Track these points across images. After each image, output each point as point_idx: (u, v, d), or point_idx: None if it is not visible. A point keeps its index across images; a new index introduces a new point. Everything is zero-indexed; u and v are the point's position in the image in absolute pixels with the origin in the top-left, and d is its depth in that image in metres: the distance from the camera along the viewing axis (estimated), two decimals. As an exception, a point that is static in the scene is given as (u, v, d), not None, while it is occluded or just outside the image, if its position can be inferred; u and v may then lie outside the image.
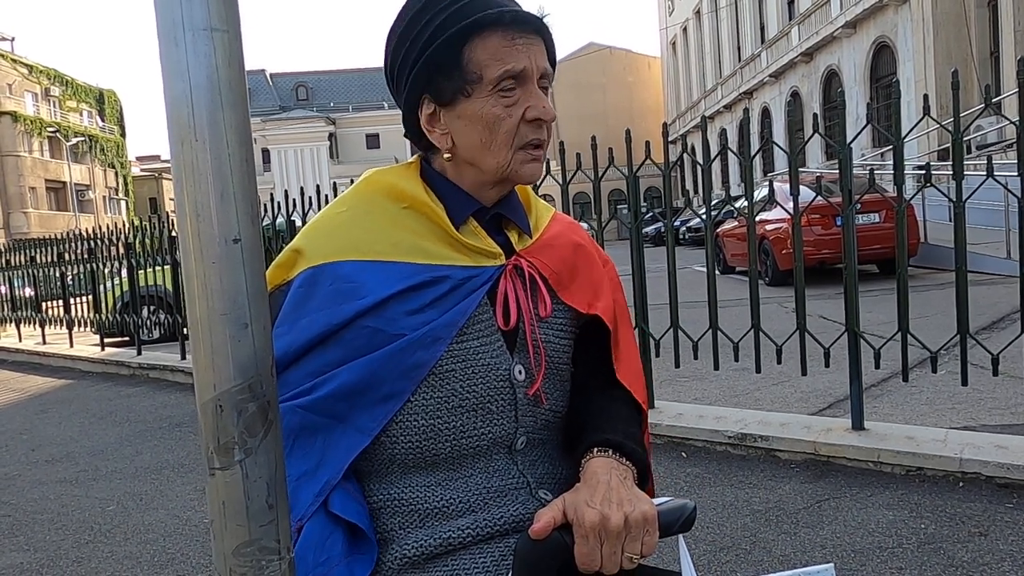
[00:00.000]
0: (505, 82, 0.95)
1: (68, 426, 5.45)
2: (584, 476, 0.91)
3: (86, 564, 2.95)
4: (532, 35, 0.97)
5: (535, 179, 1.00)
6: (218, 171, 0.50)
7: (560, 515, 0.84)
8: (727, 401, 4.40)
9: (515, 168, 0.98)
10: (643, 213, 3.98)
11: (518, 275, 1.01)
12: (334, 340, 0.94)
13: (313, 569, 0.88)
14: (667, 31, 41.50)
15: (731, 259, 11.94)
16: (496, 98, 0.95)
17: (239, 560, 0.52)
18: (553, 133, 1.09)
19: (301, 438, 0.93)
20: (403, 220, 0.99)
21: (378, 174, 1.05)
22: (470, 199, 1.01)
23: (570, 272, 1.06)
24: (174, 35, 0.49)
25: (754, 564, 2.47)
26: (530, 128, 0.97)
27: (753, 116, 28.16)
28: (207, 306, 0.50)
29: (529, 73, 0.96)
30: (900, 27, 18.83)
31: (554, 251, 1.06)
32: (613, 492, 0.86)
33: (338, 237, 0.98)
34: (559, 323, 1.05)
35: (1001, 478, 2.88)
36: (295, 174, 51.05)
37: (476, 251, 0.99)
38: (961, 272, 3.16)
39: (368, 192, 1.03)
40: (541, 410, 1.02)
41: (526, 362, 1.01)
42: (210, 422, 0.51)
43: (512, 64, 0.95)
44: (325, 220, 1.02)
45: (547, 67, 0.99)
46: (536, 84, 0.97)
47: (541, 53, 0.98)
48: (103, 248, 8.04)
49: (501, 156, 0.97)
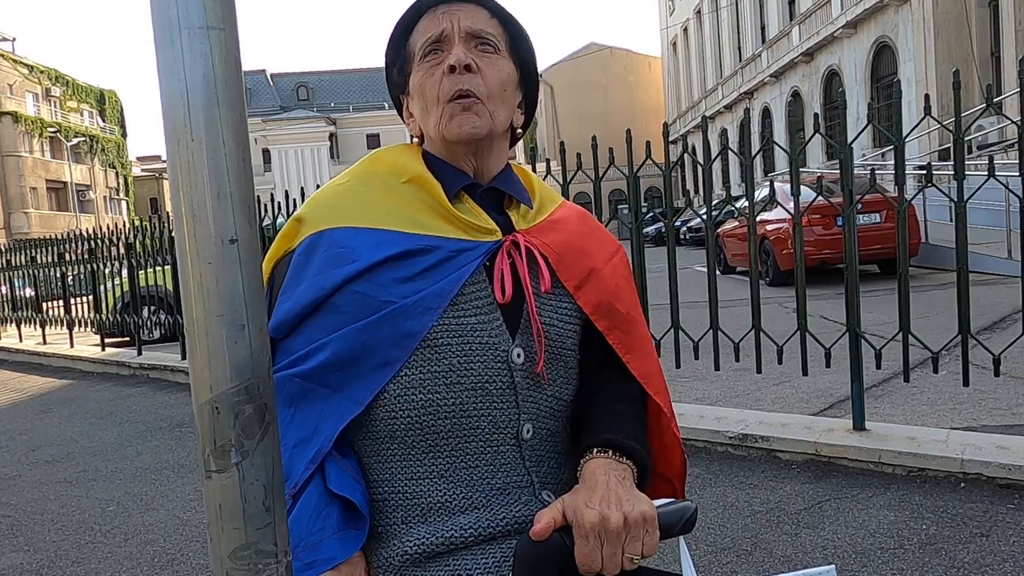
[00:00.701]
0: (428, 48, 1.01)
1: (68, 426, 5.45)
2: (583, 477, 0.91)
3: (86, 564, 2.95)
4: (461, 3, 1.01)
5: (464, 131, 0.99)
6: (215, 171, 0.49)
7: (560, 516, 0.84)
8: (728, 401, 4.40)
9: (445, 123, 1.00)
10: (644, 213, 3.98)
11: (517, 252, 1.01)
12: (327, 306, 0.95)
13: (306, 538, 0.88)
14: (668, 31, 41.49)
15: (732, 259, 11.94)
16: (424, 66, 1.02)
17: (236, 563, 0.51)
18: (553, 133, 1.10)
19: (300, 407, 0.94)
20: (401, 193, 1.01)
21: (383, 152, 1.09)
22: (458, 172, 1.03)
23: (573, 255, 1.06)
24: (170, 34, 0.48)
25: (755, 565, 2.47)
26: (450, 79, 0.99)
27: (754, 116, 28.15)
28: (204, 307, 0.50)
29: (449, 34, 1.00)
30: (901, 27, 18.82)
31: (557, 234, 1.06)
32: (612, 492, 0.86)
33: (337, 206, 1.01)
34: (564, 307, 1.04)
35: (1002, 479, 2.88)
36: (296, 174, 51.09)
37: (472, 227, 1.00)
38: (962, 272, 3.15)
39: (371, 167, 1.06)
40: (543, 395, 1.01)
41: (527, 345, 1.00)
42: (207, 424, 0.50)
43: (431, 32, 1.01)
44: (327, 190, 1.05)
45: (479, 27, 1.01)
46: (463, 43, 1.00)
47: (470, 15, 1.01)
48: (104, 248, 8.04)
49: (435, 115, 1.01)
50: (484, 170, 1.04)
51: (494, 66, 1.01)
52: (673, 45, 41.00)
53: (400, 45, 1.06)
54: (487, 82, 1.00)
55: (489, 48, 1.01)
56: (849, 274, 3.34)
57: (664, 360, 3.96)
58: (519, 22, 1.05)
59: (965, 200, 3.15)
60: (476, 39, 1.00)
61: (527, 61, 1.07)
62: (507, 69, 1.03)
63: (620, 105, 44.70)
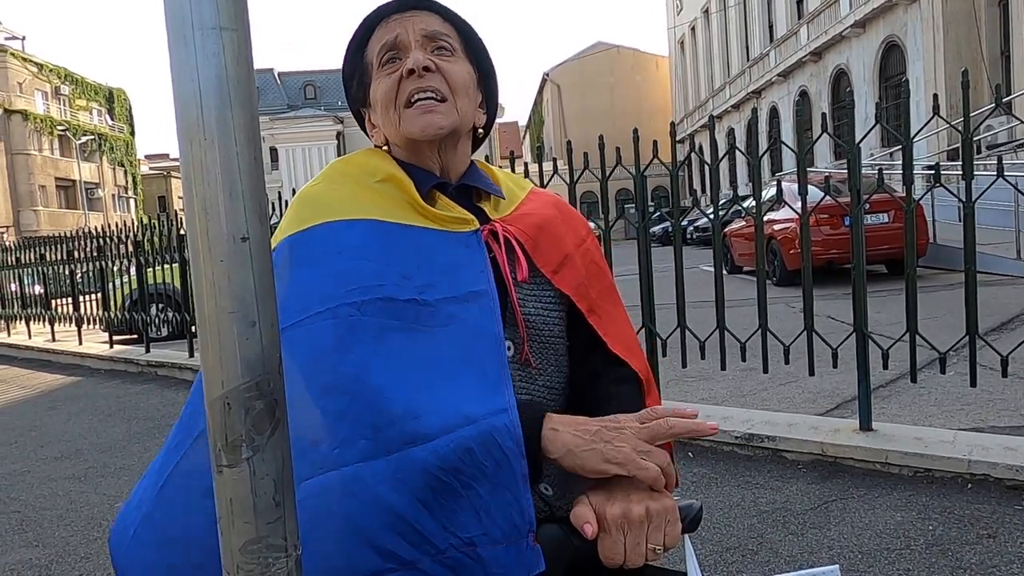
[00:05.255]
0: (385, 56, 1.03)
1: (77, 423, 5.48)
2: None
3: (94, 560, 2.96)
4: (409, 11, 1.03)
5: (427, 131, 1.00)
6: (227, 169, 0.50)
7: (592, 513, 0.83)
8: (734, 401, 4.39)
9: (406, 126, 1.01)
10: (650, 213, 3.97)
11: (495, 241, 1.01)
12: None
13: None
14: (675, 30, 41.40)
15: (739, 259, 11.91)
16: (383, 74, 1.03)
17: (246, 557, 0.52)
18: (560, 132, 1.10)
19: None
20: (376, 189, 1.02)
21: (353, 155, 1.09)
22: (426, 173, 1.04)
23: (548, 240, 1.06)
24: (183, 34, 0.49)
25: (760, 565, 2.47)
26: (409, 81, 1.00)
27: (761, 115, 28.04)
28: (215, 304, 0.50)
29: (404, 39, 1.02)
30: (910, 26, 18.73)
31: (531, 218, 1.07)
32: (632, 484, 0.86)
33: (314, 205, 1.01)
34: (546, 295, 1.04)
35: (1010, 480, 2.87)
36: (303, 173, 51.17)
37: (448, 219, 1.00)
38: (970, 273, 3.14)
39: (343, 168, 1.07)
40: (535, 386, 1.01)
41: (515, 336, 0.99)
42: (218, 420, 0.51)
43: (387, 38, 1.03)
44: (301, 193, 1.06)
45: (433, 29, 1.03)
46: (420, 47, 1.01)
47: (423, 20, 1.03)
48: (112, 246, 8.09)
49: (396, 118, 1.02)
50: (451, 169, 1.05)
51: (453, 66, 1.03)
52: (680, 44, 40.93)
53: (356, 59, 1.08)
54: (449, 79, 1.01)
55: (446, 51, 1.03)
56: (856, 274, 3.33)
57: (671, 359, 3.98)
58: (471, 26, 1.07)
59: (973, 200, 3.14)
60: (432, 41, 1.02)
61: (484, 62, 1.09)
62: (466, 69, 1.04)
63: (627, 104, 44.62)
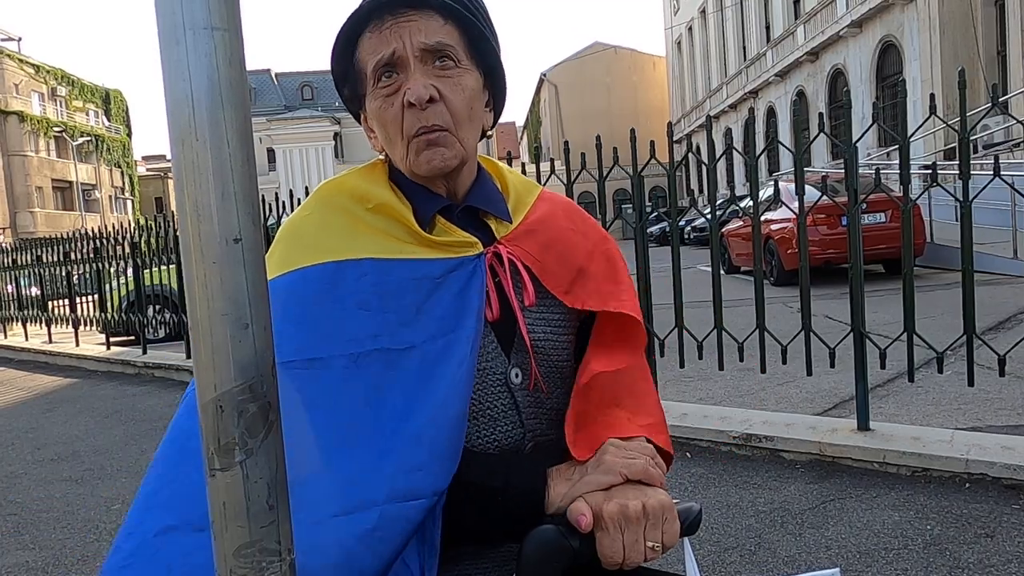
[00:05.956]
0: (380, 72, 0.92)
1: (74, 425, 5.47)
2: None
3: (91, 563, 2.96)
4: (409, 12, 0.90)
5: (434, 168, 0.92)
6: (219, 171, 0.49)
7: (589, 508, 0.83)
8: (732, 401, 4.39)
9: (412, 159, 0.93)
10: (648, 213, 3.98)
11: (500, 264, 0.96)
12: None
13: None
14: (672, 30, 41.43)
15: (736, 259, 11.93)
16: (379, 93, 0.93)
17: (239, 561, 0.51)
18: (557, 132, 1.07)
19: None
20: (368, 221, 0.94)
21: (344, 176, 1.00)
22: (434, 196, 0.96)
23: (558, 259, 0.99)
24: (175, 34, 0.48)
25: (759, 565, 2.47)
26: (411, 114, 0.91)
27: (758, 115, 28.09)
28: (208, 306, 0.50)
29: (402, 55, 0.90)
30: (906, 26, 18.76)
31: (540, 235, 1.00)
32: (628, 485, 0.86)
33: (300, 240, 0.94)
34: (555, 318, 0.99)
35: (1007, 479, 2.87)
36: (300, 174, 51.15)
37: (446, 246, 0.93)
38: (967, 272, 3.14)
39: (331, 196, 0.98)
40: (544, 410, 0.99)
41: (523, 363, 0.96)
42: (210, 423, 0.51)
43: (381, 52, 0.91)
44: (286, 227, 0.97)
45: (433, 41, 0.90)
46: (419, 65, 0.91)
47: (421, 27, 0.90)
48: (109, 247, 8.07)
49: (400, 149, 0.93)
50: (458, 188, 0.98)
51: (457, 86, 0.92)
52: (678, 44, 40.95)
53: (347, 59, 0.96)
54: (452, 109, 0.92)
55: (449, 63, 0.92)
56: (854, 274, 3.33)
57: (668, 360, 3.98)
58: (475, 15, 0.94)
59: (970, 200, 3.14)
60: (433, 55, 0.91)
61: (490, 58, 0.97)
62: (471, 83, 0.94)
63: (624, 104, 44.67)
